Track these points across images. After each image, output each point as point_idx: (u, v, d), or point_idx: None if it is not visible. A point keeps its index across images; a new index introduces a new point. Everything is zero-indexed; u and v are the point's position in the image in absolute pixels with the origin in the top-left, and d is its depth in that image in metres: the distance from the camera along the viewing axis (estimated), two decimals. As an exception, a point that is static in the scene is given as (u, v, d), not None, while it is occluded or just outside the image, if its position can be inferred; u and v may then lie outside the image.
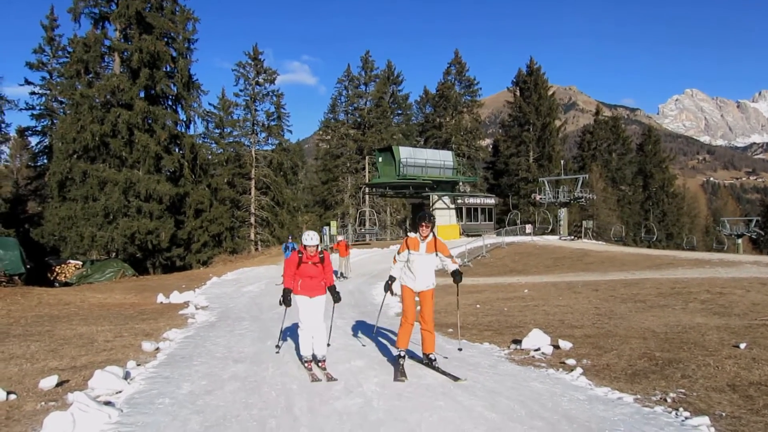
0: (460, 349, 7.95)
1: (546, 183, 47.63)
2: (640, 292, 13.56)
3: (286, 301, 7.05)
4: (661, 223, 68.79)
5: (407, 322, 6.95)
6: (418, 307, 7.06)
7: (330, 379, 6.68)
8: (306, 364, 7.14)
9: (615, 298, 12.98)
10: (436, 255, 7.03)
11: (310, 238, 7.03)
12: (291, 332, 8.46)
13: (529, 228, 45.31)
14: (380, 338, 8.99)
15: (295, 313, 7.38)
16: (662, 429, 4.71)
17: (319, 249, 7.14)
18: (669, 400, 5.44)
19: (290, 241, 21.58)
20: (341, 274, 20.98)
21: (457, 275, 7.14)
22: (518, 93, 64.34)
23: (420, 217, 7.03)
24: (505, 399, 5.62)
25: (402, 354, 6.89)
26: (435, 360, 7.06)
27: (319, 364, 7.10)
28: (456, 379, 6.50)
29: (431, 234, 7.00)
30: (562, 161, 57.56)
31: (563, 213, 45.95)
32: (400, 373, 6.61)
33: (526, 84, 63.38)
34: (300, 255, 7.07)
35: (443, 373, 6.78)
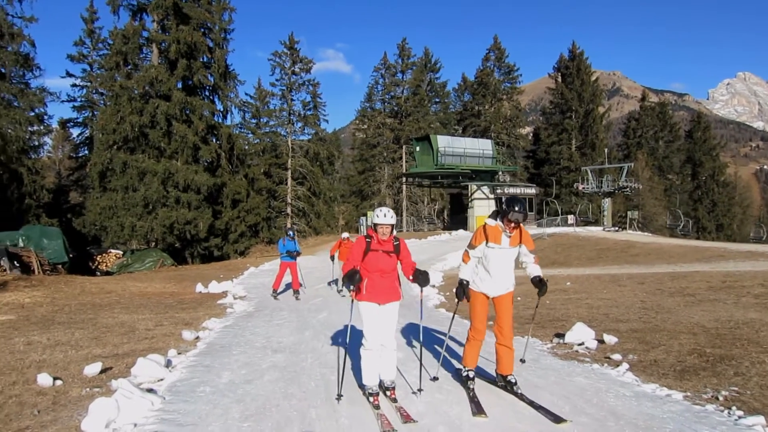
0: (522, 361, 6.52)
1: (589, 172, 46.41)
2: (689, 286, 12.96)
3: (352, 277, 5.23)
4: (711, 214, 66.63)
5: (477, 337, 5.69)
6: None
7: (407, 419, 4.91)
8: (371, 399, 5.29)
9: (662, 292, 12.42)
10: (519, 247, 5.61)
11: (383, 214, 5.31)
12: (353, 347, 6.18)
13: (571, 218, 44.27)
14: (433, 344, 8.00)
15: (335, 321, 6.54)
16: (714, 428, 4.58)
17: (392, 220, 5.37)
18: (721, 398, 5.28)
19: (289, 237, 14.70)
20: (344, 284, 17.28)
21: (541, 285, 5.70)
22: (560, 79, 62.76)
23: (509, 201, 5.44)
24: (548, 394, 5.57)
25: (471, 375, 5.68)
26: (516, 384, 5.55)
27: (388, 393, 5.45)
28: (558, 420, 4.81)
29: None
30: (605, 149, 56.09)
31: (607, 203, 44.74)
32: (476, 406, 5.16)
33: (568, 69, 61.74)
34: (368, 239, 5.39)
35: (536, 407, 5.17)
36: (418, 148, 44.14)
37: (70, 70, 46.49)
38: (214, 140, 37.51)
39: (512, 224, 5.44)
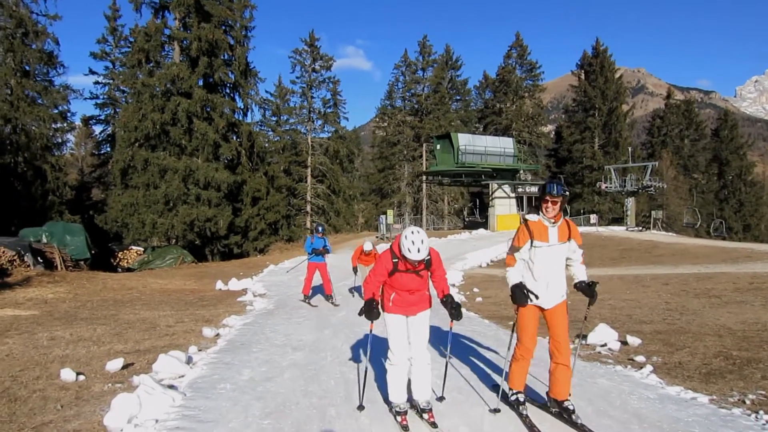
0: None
1: (612, 171, 45.78)
2: (715, 287, 12.81)
3: (369, 312, 4.81)
4: (738, 214, 65.27)
5: (525, 355, 4.91)
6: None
7: None
8: (399, 418, 4.78)
9: (687, 293, 12.28)
10: (569, 242, 4.80)
11: (416, 249, 4.52)
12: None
13: (594, 218, 43.79)
14: (468, 356, 7.48)
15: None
16: None
17: (425, 255, 4.61)
18: (748, 401, 5.20)
19: (318, 234, 12.87)
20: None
21: (591, 292, 4.87)
22: (583, 76, 61.76)
23: (547, 186, 4.62)
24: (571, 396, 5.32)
25: (521, 399, 4.95)
26: (574, 412, 4.72)
27: (425, 416, 4.81)
28: None
29: (562, 215, 4.77)
30: (629, 148, 55.20)
31: (630, 202, 44.14)
32: None
33: (592, 67, 60.75)
34: (395, 260, 4.71)
35: None
36: (438, 146, 43.94)
37: (92, 67, 47.15)
38: (234, 138, 37.62)
39: (553, 203, 4.59)
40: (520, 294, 4.73)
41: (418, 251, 4.51)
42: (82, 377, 6.23)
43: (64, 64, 38.50)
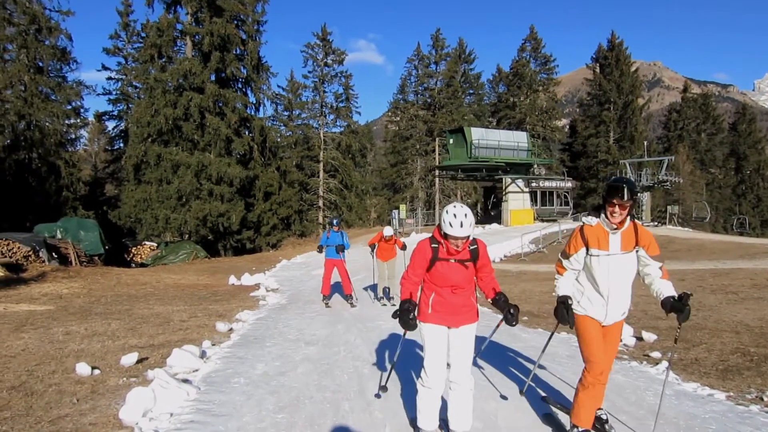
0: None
1: (627, 165, 45.25)
2: (732, 283, 12.66)
3: (405, 320, 4.13)
4: (756, 209, 64.53)
5: (597, 381, 4.13)
6: None
7: None
8: None
9: (703, 289, 12.15)
10: (637, 252, 4.06)
11: (458, 222, 3.91)
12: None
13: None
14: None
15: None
16: (759, 429, 4.47)
17: (470, 232, 3.98)
18: (766, 398, 5.16)
19: (334, 228, 11.86)
20: (384, 293, 12.21)
21: (682, 309, 3.97)
22: (598, 70, 61.28)
23: (612, 188, 3.91)
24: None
25: None
26: (607, 421, 4.41)
27: None
28: None
29: (628, 219, 4.02)
30: (645, 142, 54.64)
31: (646, 197, 43.67)
32: None
33: (607, 60, 60.23)
34: (435, 245, 4.12)
35: None
36: (451, 141, 43.70)
37: (105, 63, 47.29)
38: (246, 132, 37.73)
39: (622, 208, 3.86)
40: (561, 312, 4.14)
41: (461, 225, 3.88)
42: (97, 371, 6.26)
43: (77, 60, 38.72)
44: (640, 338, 7.58)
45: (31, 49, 35.34)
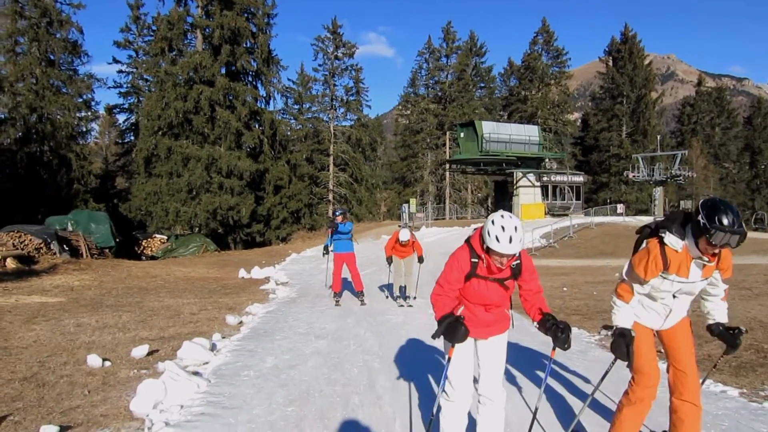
0: None
1: (640, 160, 44.95)
2: (746, 279, 12.56)
3: (454, 332, 3.41)
4: (770, 204, 63.98)
5: (646, 396, 3.66)
6: None
7: None
8: None
9: (717, 285, 11.87)
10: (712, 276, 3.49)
11: (506, 237, 3.28)
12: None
13: (620, 207, 43.17)
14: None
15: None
16: None
17: (518, 250, 3.38)
18: None
19: (340, 219, 11.17)
20: (400, 292, 11.42)
21: (733, 338, 3.74)
22: (611, 63, 60.82)
23: (711, 209, 3.11)
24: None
25: None
26: None
27: None
28: None
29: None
30: (658, 136, 54.19)
31: (658, 192, 43.38)
32: None
33: (620, 53, 59.76)
34: (475, 260, 3.54)
35: None
36: (462, 134, 43.55)
37: (116, 56, 47.36)
38: (256, 126, 37.77)
39: (716, 250, 3.21)
40: (621, 347, 3.50)
41: (510, 241, 3.25)
42: (108, 363, 6.27)
43: (88, 53, 38.88)
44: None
45: (43, 42, 35.53)
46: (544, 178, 43.57)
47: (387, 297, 11.73)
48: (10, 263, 15.25)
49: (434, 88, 60.24)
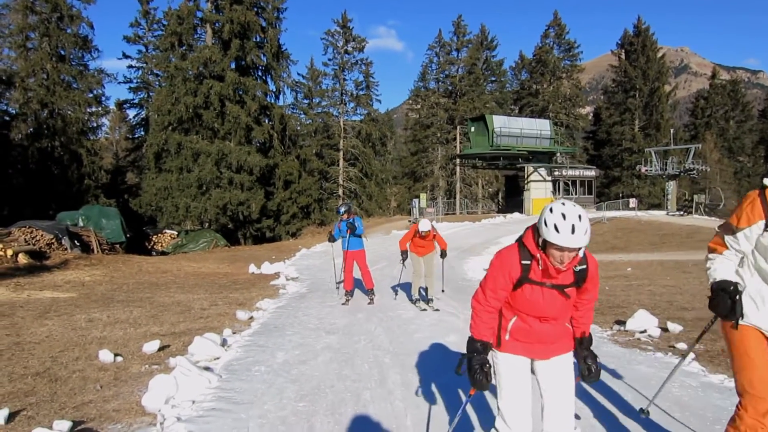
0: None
1: (653, 153, 44.53)
2: None
3: (474, 377, 2.92)
4: (785, 198, 63.24)
5: (759, 427, 2.75)
6: None
7: None
8: None
9: (731, 280, 11.73)
10: None
11: (567, 227, 2.61)
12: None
13: (633, 202, 42.86)
14: None
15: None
16: None
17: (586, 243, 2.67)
18: None
19: (346, 215, 10.51)
20: (420, 295, 10.24)
21: None
22: (623, 56, 60.21)
23: None
24: (609, 382, 5.34)
25: None
26: None
27: None
28: None
29: None
30: (671, 130, 53.66)
31: (671, 186, 43.00)
32: None
33: (633, 46, 59.17)
34: (527, 262, 2.87)
35: None
36: (472, 129, 43.42)
37: (126, 51, 47.88)
38: (266, 121, 37.76)
39: None
40: (724, 302, 2.87)
41: (572, 231, 2.59)
42: (119, 358, 6.32)
43: (99, 48, 39.04)
44: (665, 329, 7.39)
45: (53, 38, 35.67)
46: (556, 173, 43.33)
47: (397, 293, 11.62)
48: (22, 259, 15.35)
49: (445, 82, 59.97)
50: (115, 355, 6.36)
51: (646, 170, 44.78)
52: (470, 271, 15.62)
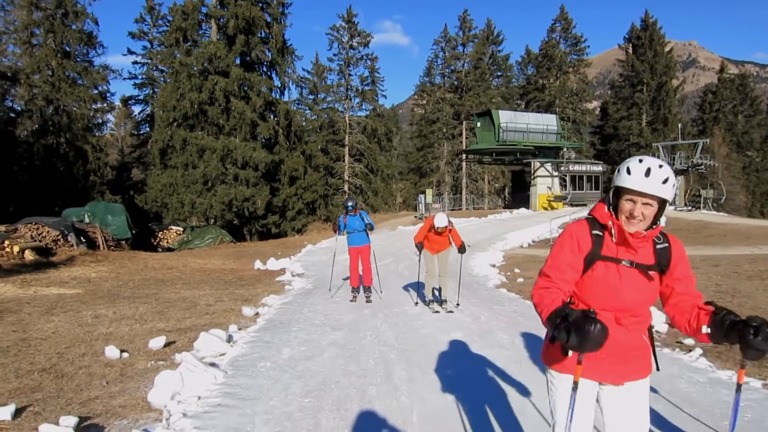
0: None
1: (660, 148, 44.16)
2: (769, 269, 12.22)
3: (583, 331, 2.05)
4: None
5: None
6: None
7: None
8: None
9: (739, 275, 11.74)
10: None
11: (642, 167, 2.31)
12: None
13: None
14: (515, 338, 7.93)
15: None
16: None
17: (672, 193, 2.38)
18: None
19: (351, 213, 10.19)
20: (433, 296, 9.62)
21: None
22: (630, 50, 59.92)
23: None
24: None
25: None
26: None
27: None
28: None
29: None
30: (679, 125, 53.10)
31: (679, 181, 42.72)
32: None
33: (640, 40, 58.77)
34: (598, 232, 2.44)
35: None
36: (478, 124, 43.23)
37: (131, 47, 47.59)
38: (271, 117, 37.65)
39: None
40: None
41: (647, 174, 2.26)
42: (125, 354, 6.36)
43: (103, 44, 38.96)
44: (672, 325, 7.34)
45: (58, 34, 35.68)
46: (562, 168, 43.12)
47: (403, 289, 11.62)
48: (29, 255, 15.39)
49: (450, 77, 59.71)
50: (121, 351, 6.39)
51: (654, 165, 44.39)
52: (476, 266, 15.56)
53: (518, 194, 47.20)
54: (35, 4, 35.14)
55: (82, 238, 19.32)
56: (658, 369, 2.59)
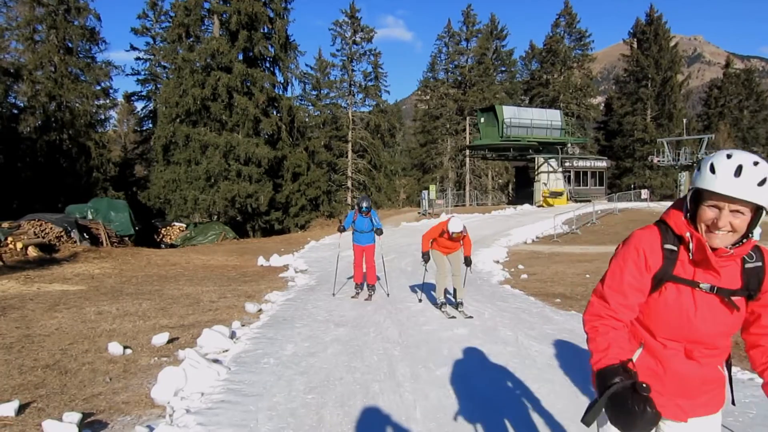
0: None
1: (665, 144, 44.12)
2: None
3: (627, 412, 1.71)
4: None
5: None
6: None
7: None
8: None
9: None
10: None
11: (731, 163, 1.78)
12: None
13: (645, 193, 42.48)
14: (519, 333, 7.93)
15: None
16: None
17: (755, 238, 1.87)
18: None
19: (363, 213, 10.01)
20: (446, 298, 8.91)
21: None
22: (635, 45, 59.60)
23: None
24: None
25: None
26: None
27: None
28: None
29: None
30: (684, 120, 53.18)
31: (684, 177, 42.55)
32: None
33: (645, 35, 58.49)
34: (671, 247, 1.94)
35: None
36: (482, 120, 43.12)
37: (133, 43, 47.73)
38: (274, 112, 37.65)
39: None
40: None
41: (738, 174, 1.76)
42: (129, 351, 6.35)
43: (106, 40, 39.18)
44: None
45: (61, 30, 35.72)
46: (567, 164, 42.98)
47: (406, 285, 11.57)
48: (32, 252, 15.40)
49: (454, 73, 59.56)
50: (125, 347, 6.38)
51: (659, 161, 44.40)
52: (480, 263, 15.48)
53: (522, 190, 47.07)
54: (38, 1, 35.17)
55: (85, 234, 19.33)
56: (733, 403, 2.22)
